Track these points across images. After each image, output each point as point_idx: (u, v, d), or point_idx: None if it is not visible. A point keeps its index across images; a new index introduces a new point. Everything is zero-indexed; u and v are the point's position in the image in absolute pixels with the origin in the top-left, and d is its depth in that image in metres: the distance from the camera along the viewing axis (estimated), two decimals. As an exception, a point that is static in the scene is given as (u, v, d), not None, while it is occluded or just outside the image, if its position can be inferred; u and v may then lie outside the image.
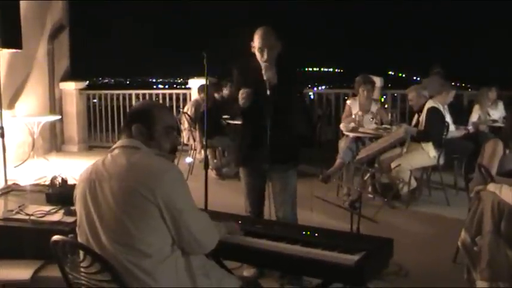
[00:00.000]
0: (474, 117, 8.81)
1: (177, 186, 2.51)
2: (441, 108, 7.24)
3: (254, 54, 4.32)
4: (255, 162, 4.40)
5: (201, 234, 2.59)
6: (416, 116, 7.19)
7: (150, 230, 2.43)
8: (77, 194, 2.61)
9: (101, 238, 2.46)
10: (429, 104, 6.95)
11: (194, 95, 10.51)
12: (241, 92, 4.22)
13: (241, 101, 4.23)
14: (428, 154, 6.83)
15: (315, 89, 13.20)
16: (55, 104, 11.42)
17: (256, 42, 4.24)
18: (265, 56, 4.19)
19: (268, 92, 4.14)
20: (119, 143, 2.65)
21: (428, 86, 7.95)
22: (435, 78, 9.40)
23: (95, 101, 12.45)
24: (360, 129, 7.24)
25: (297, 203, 4.58)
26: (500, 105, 8.87)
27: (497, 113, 8.75)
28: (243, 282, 2.85)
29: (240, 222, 3.19)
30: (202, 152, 8.54)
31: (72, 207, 3.72)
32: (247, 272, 4.47)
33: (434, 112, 6.86)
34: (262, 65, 4.22)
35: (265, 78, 4.16)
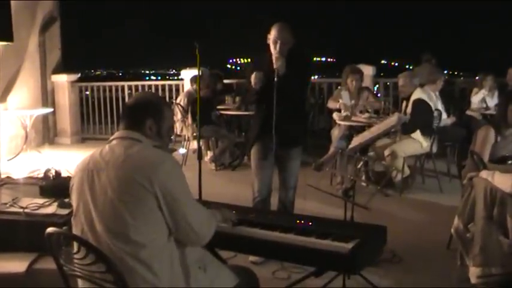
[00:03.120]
0: (475, 99, 8.87)
1: (175, 177, 2.52)
2: (432, 96, 7.29)
3: (268, 49, 4.73)
4: (264, 142, 4.76)
5: (199, 225, 2.59)
6: (404, 103, 7.19)
7: (146, 219, 2.43)
8: (74, 184, 2.62)
9: (97, 228, 2.46)
10: (416, 94, 6.94)
11: (187, 85, 10.49)
12: (253, 75, 4.63)
13: (253, 83, 4.66)
14: (422, 142, 6.86)
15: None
16: (47, 97, 11.37)
17: (272, 34, 4.68)
18: (277, 48, 4.61)
19: (275, 79, 4.52)
20: (117, 134, 2.66)
21: (418, 75, 7.95)
22: (425, 66, 9.41)
23: (87, 93, 12.41)
24: (353, 118, 7.25)
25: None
26: (496, 95, 8.89)
27: (493, 101, 8.78)
28: (240, 279, 2.85)
29: (233, 211, 3.20)
30: (195, 142, 8.54)
31: (66, 200, 3.73)
32: (253, 257, 4.56)
33: (420, 104, 6.87)
34: (274, 55, 4.63)
35: (274, 67, 4.58)
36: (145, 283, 2.43)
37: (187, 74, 10.59)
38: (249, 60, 5.11)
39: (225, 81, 10.43)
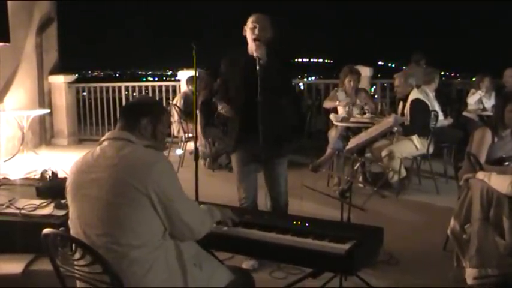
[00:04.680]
0: (472, 100, 8.86)
1: (167, 176, 2.53)
2: (429, 96, 7.30)
3: (243, 46, 4.41)
4: (247, 145, 4.45)
5: (194, 222, 2.62)
6: (401, 104, 7.20)
7: (141, 220, 2.44)
8: (68, 186, 2.62)
9: (91, 230, 2.47)
10: (413, 95, 6.95)
11: (183, 87, 10.49)
12: (220, 107, 4.51)
13: (225, 111, 4.52)
14: (417, 145, 6.87)
15: (305, 79, 13.15)
16: (44, 98, 11.35)
17: (249, 22, 4.37)
18: (256, 32, 4.30)
19: (257, 68, 4.18)
20: (108, 135, 2.67)
21: (414, 76, 7.94)
22: (414, 67, 9.32)
23: (84, 94, 12.40)
24: (352, 119, 7.26)
25: (288, 192, 4.67)
26: (493, 96, 8.89)
27: (490, 102, 8.78)
28: (235, 276, 2.86)
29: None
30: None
31: (62, 201, 3.72)
32: (246, 264, 4.49)
33: (418, 103, 6.88)
34: (253, 44, 4.29)
35: (255, 55, 4.23)
36: (142, 283, 2.43)
37: (184, 75, 10.58)
38: (224, 59, 4.62)
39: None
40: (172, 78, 12.87)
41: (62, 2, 11.89)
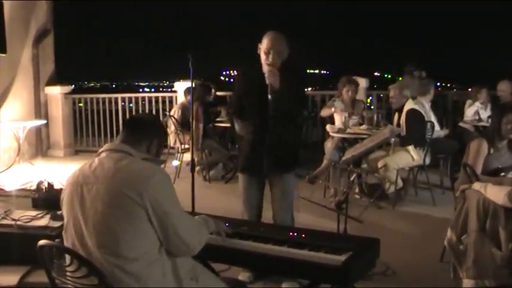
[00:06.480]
0: (470, 112, 8.86)
1: (164, 190, 2.52)
2: (425, 107, 7.32)
3: (258, 60, 4.32)
4: (255, 169, 4.42)
5: (189, 236, 2.60)
6: (396, 115, 7.21)
7: (137, 232, 2.43)
8: (64, 197, 2.61)
9: (87, 241, 2.46)
10: (408, 105, 6.98)
11: (180, 98, 10.49)
12: (238, 128, 4.37)
13: (240, 131, 4.37)
14: (413, 155, 6.87)
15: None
16: (40, 109, 11.33)
17: (264, 44, 4.23)
18: (270, 59, 4.17)
19: (269, 97, 4.12)
20: (106, 147, 2.67)
21: (409, 87, 7.95)
22: (411, 80, 9.30)
23: (81, 105, 12.37)
24: (349, 130, 7.26)
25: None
26: (489, 107, 8.89)
27: (486, 113, 8.78)
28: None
29: (226, 224, 3.20)
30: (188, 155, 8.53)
31: (58, 212, 3.72)
32: (242, 276, 4.44)
33: (413, 113, 6.90)
34: (266, 68, 4.19)
35: (267, 82, 4.15)
36: (138, 296, 2.42)
37: (181, 86, 10.58)
38: (238, 72, 4.63)
39: (218, 93, 10.43)
40: (169, 89, 12.86)
41: (59, 13, 11.89)
